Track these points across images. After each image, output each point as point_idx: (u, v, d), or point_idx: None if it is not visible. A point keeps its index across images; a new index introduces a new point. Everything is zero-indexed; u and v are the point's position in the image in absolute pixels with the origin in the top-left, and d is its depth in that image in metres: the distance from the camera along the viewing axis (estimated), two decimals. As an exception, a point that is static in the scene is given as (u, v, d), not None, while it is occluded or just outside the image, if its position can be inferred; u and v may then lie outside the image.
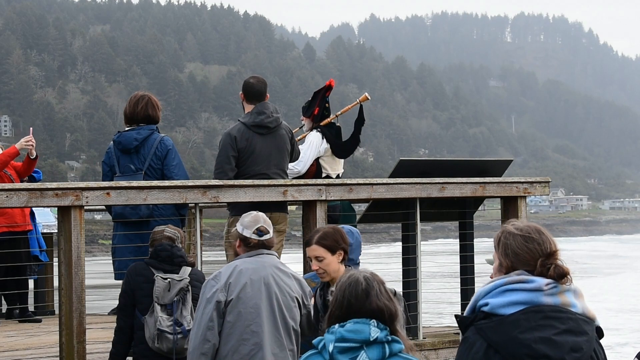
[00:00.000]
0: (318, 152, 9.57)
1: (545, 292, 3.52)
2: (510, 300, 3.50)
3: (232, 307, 5.64)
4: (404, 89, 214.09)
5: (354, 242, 6.14)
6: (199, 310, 5.70)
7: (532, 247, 3.59)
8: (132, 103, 8.04)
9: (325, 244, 5.70)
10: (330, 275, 5.73)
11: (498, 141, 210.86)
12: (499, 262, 3.65)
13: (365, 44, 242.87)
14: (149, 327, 6.50)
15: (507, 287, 3.53)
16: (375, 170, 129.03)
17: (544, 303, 3.51)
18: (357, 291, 3.64)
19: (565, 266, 3.58)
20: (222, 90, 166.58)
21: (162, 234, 6.77)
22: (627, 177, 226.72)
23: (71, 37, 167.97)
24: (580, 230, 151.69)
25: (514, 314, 3.48)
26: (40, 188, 6.73)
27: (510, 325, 3.47)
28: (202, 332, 5.60)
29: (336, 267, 5.71)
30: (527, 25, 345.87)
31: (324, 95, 9.77)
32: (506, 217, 8.70)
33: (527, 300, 3.50)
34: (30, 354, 7.75)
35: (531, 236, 3.61)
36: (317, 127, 9.65)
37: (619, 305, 30.94)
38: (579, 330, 3.51)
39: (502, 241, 3.65)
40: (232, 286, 5.66)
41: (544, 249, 3.60)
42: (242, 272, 5.68)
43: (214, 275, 5.76)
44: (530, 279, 3.54)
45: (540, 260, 3.57)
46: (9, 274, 10.09)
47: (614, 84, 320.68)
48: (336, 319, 3.65)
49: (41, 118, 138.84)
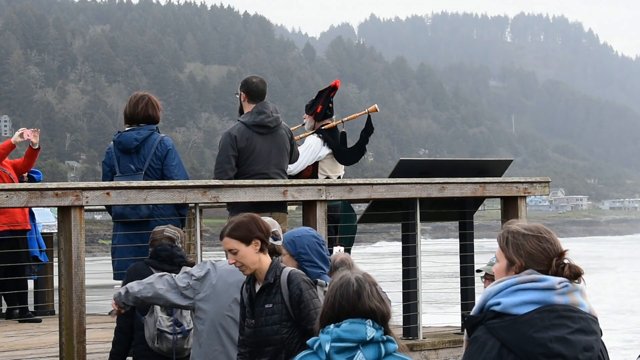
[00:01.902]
0: (316, 157, 9.58)
1: (557, 291, 3.53)
2: (523, 299, 3.51)
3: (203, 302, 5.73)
4: (404, 89, 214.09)
5: (302, 250, 5.84)
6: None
7: (546, 247, 3.62)
8: (132, 103, 8.04)
9: (236, 235, 5.28)
10: (249, 268, 5.30)
11: (498, 141, 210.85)
12: (508, 262, 3.65)
13: (365, 44, 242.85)
14: (148, 327, 6.50)
15: (519, 287, 3.54)
16: (375, 170, 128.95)
17: (556, 302, 3.52)
18: (348, 292, 3.63)
19: (579, 266, 3.61)
20: (222, 90, 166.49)
21: (162, 234, 6.77)
22: (627, 177, 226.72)
23: (71, 37, 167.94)
24: (580, 230, 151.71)
25: (528, 313, 3.49)
26: (40, 188, 6.73)
27: (524, 325, 3.48)
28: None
29: (254, 259, 5.28)
30: (527, 25, 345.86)
31: (329, 95, 9.79)
32: (506, 217, 8.71)
33: (540, 300, 3.51)
34: (30, 354, 7.75)
35: (544, 236, 3.63)
36: (319, 131, 9.66)
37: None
38: (589, 329, 3.53)
39: (511, 241, 3.65)
40: (205, 287, 5.72)
41: (557, 249, 3.62)
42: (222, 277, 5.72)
43: (212, 264, 5.82)
44: (542, 278, 3.55)
45: (556, 260, 3.59)
46: (9, 274, 10.09)
47: (614, 84, 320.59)
48: (329, 319, 3.64)
49: (41, 118, 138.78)
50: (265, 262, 5.32)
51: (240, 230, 5.29)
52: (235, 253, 5.27)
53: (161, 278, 5.83)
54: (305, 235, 6.00)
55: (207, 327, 5.71)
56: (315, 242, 6.08)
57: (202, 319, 5.73)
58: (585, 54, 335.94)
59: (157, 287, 5.80)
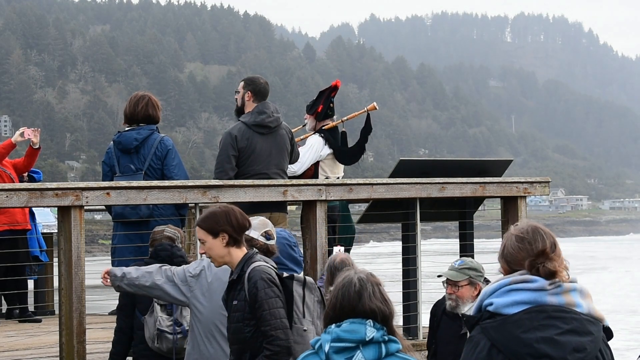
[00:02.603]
0: (318, 157, 9.61)
1: (550, 291, 3.53)
2: (514, 299, 3.52)
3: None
4: (404, 89, 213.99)
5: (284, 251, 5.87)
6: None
7: (522, 246, 3.61)
8: (132, 103, 8.04)
9: (204, 226, 5.20)
10: (217, 260, 5.24)
11: (498, 141, 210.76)
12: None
13: (365, 44, 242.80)
14: (148, 327, 6.50)
15: (512, 287, 3.55)
16: (375, 170, 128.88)
17: (548, 303, 3.51)
18: (349, 292, 3.63)
19: (556, 265, 3.57)
20: (222, 90, 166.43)
21: (162, 234, 6.77)
22: (627, 177, 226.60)
23: (71, 37, 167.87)
24: (580, 230, 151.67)
25: (517, 314, 3.50)
26: (40, 188, 6.73)
27: (512, 325, 3.48)
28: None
29: (221, 252, 5.19)
30: (527, 25, 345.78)
31: (329, 95, 9.81)
32: (506, 217, 8.71)
33: (531, 300, 3.52)
34: (30, 354, 7.75)
35: (523, 236, 3.62)
36: (320, 131, 9.67)
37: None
38: (583, 330, 3.51)
39: (502, 243, 3.68)
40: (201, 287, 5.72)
41: (534, 248, 3.60)
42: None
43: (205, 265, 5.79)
44: (533, 279, 3.55)
45: (529, 260, 3.58)
46: (9, 274, 10.09)
47: (614, 84, 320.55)
48: (331, 319, 3.65)
49: (41, 118, 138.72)
50: (236, 256, 5.22)
51: (208, 222, 5.20)
52: (204, 243, 5.23)
53: (160, 269, 5.82)
54: (277, 237, 5.98)
55: (202, 325, 5.71)
56: (286, 244, 6.07)
57: (198, 317, 5.72)
58: (585, 54, 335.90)
59: (156, 277, 5.78)
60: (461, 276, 6.53)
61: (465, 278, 6.53)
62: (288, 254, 5.96)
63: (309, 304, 5.40)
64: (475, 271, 6.55)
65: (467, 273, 6.53)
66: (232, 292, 5.23)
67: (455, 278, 6.54)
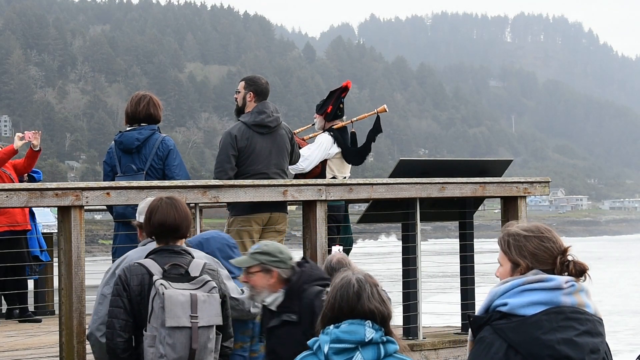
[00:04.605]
0: (327, 155, 9.63)
1: (564, 291, 3.52)
2: (530, 300, 3.50)
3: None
4: (404, 89, 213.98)
5: (210, 254, 5.78)
6: None
7: (548, 245, 3.61)
8: (133, 102, 8.04)
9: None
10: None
11: (498, 141, 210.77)
12: (512, 265, 3.64)
13: (365, 44, 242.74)
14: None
15: (526, 287, 3.53)
16: (375, 170, 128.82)
17: (563, 303, 3.51)
18: (348, 293, 3.63)
19: (584, 262, 3.60)
20: (222, 90, 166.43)
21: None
22: (627, 177, 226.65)
23: (71, 37, 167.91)
24: (580, 230, 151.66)
25: (535, 315, 3.48)
26: (40, 188, 6.73)
27: (532, 326, 3.47)
28: None
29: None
30: (527, 25, 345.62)
31: (340, 95, 9.85)
32: (506, 217, 8.70)
33: (547, 300, 3.50)
34: (30, 354, 7.75)
35: (545, 235, 3.62)
36: (330, 130, 9.71)
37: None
38: (595, 331, 3.53)
39: (513, 244, 3.64)
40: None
41: (559, 247, 3.61)
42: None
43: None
44: (549, 278, 3.54)
45: (560, 258, 3.58)
46: (9, 274, 10.09)
47: (614, 84, 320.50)
48: (329, 320, 3.64)
49: (41, 118, 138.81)
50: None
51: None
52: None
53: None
54: (215, 238, 5.97)
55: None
56: (226, 245, 6.04)
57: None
58: (585, 54, 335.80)
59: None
60: (251, 262, 5.66)
61: (256, 264, 5.64)
62: (227, 254, 5.97)
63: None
64: (269, 255, 5.64)
65: (258, 258, 5.64)
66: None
67: (245, 264, 5.70)
